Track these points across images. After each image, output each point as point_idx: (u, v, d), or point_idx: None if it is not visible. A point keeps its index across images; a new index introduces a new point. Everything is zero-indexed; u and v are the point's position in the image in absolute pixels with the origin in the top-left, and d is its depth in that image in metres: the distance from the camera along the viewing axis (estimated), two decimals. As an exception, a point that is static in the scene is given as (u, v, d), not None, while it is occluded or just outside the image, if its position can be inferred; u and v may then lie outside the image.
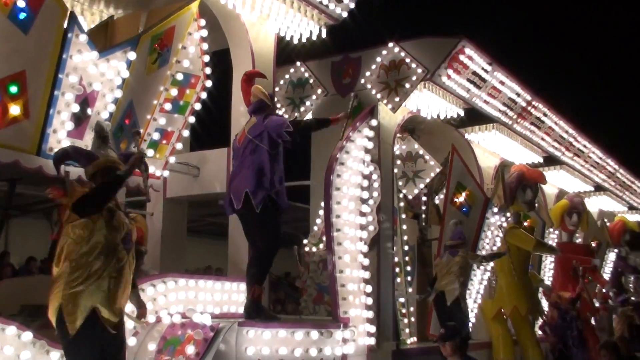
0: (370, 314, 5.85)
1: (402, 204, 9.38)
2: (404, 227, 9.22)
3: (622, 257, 15.00)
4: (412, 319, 9.15)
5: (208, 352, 4.51)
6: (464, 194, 9.61)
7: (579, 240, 13.40)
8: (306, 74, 9.17)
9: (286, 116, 9.26)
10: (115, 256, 3.82)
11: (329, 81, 9.07)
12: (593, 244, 13.68)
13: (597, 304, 12.91)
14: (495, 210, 9.67)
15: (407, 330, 8.97)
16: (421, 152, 9.64)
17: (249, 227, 5.52)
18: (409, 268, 9.18)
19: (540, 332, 11.31)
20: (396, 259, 8.90)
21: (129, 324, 4.31)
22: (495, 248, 9.87)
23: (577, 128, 12.10)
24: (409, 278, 9.17)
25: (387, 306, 8.29)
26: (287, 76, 9.32)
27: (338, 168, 5.78)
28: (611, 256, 14.57)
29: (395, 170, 9.10)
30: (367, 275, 5.86)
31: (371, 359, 7.85)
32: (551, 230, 11.94)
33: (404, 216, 9.31)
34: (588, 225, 12.85)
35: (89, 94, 5.53)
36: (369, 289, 5.87)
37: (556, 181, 13.43)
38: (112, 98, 5.62)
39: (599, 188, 14.65)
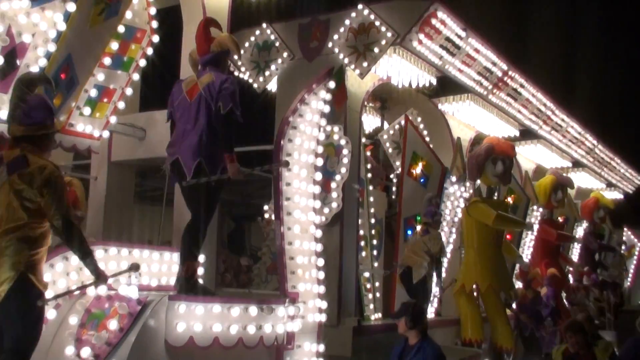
0: (321, 289, 5.47)
1: (369, 175, 8.99)
2: (372, 199, 8.85)
3: (593, 234, 14.72)
4: (378, 295, 8.82)
5: (133, 327, 4.11)
6: (420, 164, 9.25)
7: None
8: (272, 37, 8.71)
9: (251, 80, 8.85)
10: None
11: (295, 44, 8.62)
12: (560, 219, 13.41)
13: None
14: (454, 179, 9.35)
15: (371, 306, 8.65)
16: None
17: (192, 195, 5.09)
18: (375, 242, 8.82)
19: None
20: (362, 232, 8.56)
21: (48, 294, 3.91)
22: (456, 219, 9.55)
23: (555, 101, 11.73)
24: (375, 252, 8.82)
25: (350, 281, 7.96)
26: (252, 38, 8.86)
27: (290, 132, 5.35)
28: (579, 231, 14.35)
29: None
30: (319, 247, 5.46)
31: (329, 335, 7.59)
32: (534, 207, 11.62)
33: (371, 188, 8.94)
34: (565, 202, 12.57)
35: (18, 45, 5.05)
36: (320, 262, 5.48)
37: (533, 156, 13.10)
38: (44, 52, 5.14)
39: (577, 164, 14.34)
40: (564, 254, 12.83)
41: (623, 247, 17.80)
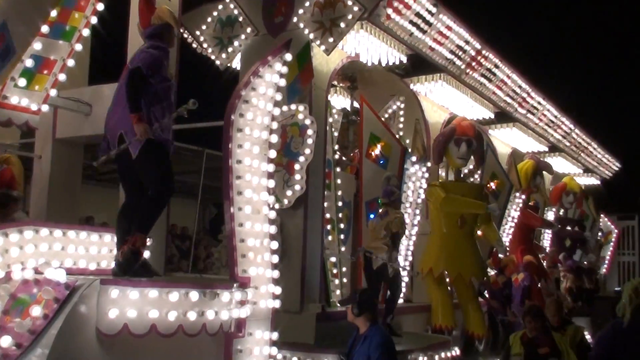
0: (275, 274, 5.14)
1: (337, 156, 8.65)
2: (339, 181, 8.52)
3: (562, 219, 14.51)
4: (345, 280, 8.52)
5: (59, 314, 3.76)
6: (379, 145, 8.93)
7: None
8: (235, 11, 8.31)
9: (213, 57, 8.46)
10: None
11: (259, 20, 8.22)
12: (530, 204, 13.20)
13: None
14: (414, 159, 9.06)
15: (338, 292, 8.34)
16: None
17: (126, 173, 4.78)
18: (342, 226, 8.50)
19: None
20: (328, 216, 8.24)
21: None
22: (420, 200, 9.27)
23: (531, 83, 11.45)
24: (342, 236, 8.50)
25: (314, 266, 7.64)
26: (215, 13, 8.45)
27: (242, 107, 5.00)
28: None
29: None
30: (272, 229, 5.13)
31: (292, 322, 7.30)
32: (517, 194, 11.37)
33: (338, 170, 8.61)
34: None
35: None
36: (274, 245, 5.15)
37: (509, 139, 12.81)
38: (-26, 19, 4.76)
39: (553, 148, 14.09)
40: (535, 242, 12.66)
41: (600, 234, 17.68)
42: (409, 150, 9.07)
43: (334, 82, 10.27)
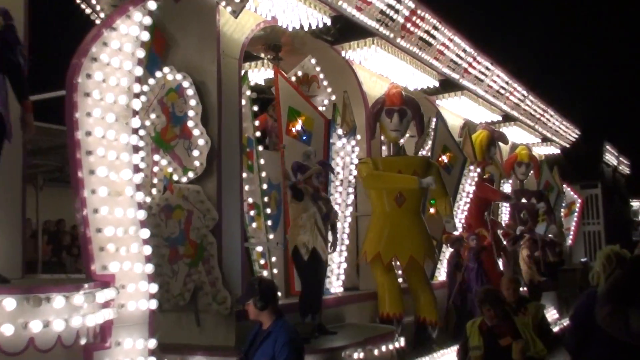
0: (148, 268, 4.17)
1: (258, 133, 7.65)
2: (262, 161, 7.54)
3: (519, 191, 13.69)
4: (276, 271, 7.55)
5: None
6: (299, 120, 7.99)
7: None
8: (133, -24, 7.28)
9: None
10: None
11: (158, -18, 7.21)
12: (484, 176, 12.36)
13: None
14: (340, 132, 8.08)
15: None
16: None
17: None
18: (269, 211, 7.53)
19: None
20: (251, 200, 7.27)
21: None
22: (351, 178, 8.32)
23: (477, 47, 10.56)
24: (269, 222, 7.53)
25: (233, 258, 6.67)
26: (111, -20, 7.46)
27: (91, 66, 4.01)
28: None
29: (249, 93, 7.41)
30: (141, 215, 4.15)
31: (207, 323, 6.35)
32: (472, 167, 10.46)
33: (260, 148, 7.63)
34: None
35: None
36: (145, 233, 4.17)
37: (459, 109, 11.92)
38: None
39: (507, 117, 13.24)
40: (492, 218, 11.83)
41: (563, 205, 16.95)
42: (338, 123, 8.10)
43: (260, 54, 9.33)
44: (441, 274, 10.24)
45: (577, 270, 15.58)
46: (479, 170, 11.08)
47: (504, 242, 11.58)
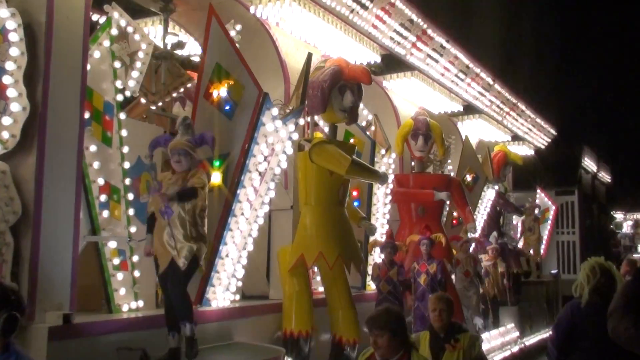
0: None
1: (121, 96, 5.82)
2: (124, 133, 5.74)
3: (501, 194, 12.07)
4: (138, 274, 5.75)
5: None
6: (225, 84, 6.20)
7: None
8: None
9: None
10: None
11: None
12: (469, 178, 10.61)
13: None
14: (276, 111, 6.26)
15: (123, 291, 5.60)
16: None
17: None
18: (132, 196, 5.74)
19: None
20: (102, 181, 5.48)
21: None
22: (277, 170, 6.50)
23: (428, 17, 8.79)
24: (131, 211, 5.74)
25: (58, 259, 4.89)
26: None
27: None
28: (489, 194, 11.40)
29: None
30: None
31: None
32: (383, 152, 8.64)
33: (122, 116, 5.83)
34: (444, 150, 9.69)
35: None
36: None
37: (410, 95, 10.14)
38: None
39: (470, 109, 11.49)
40: (465, 212, 10.00)
41: (536, 211, 15.24)
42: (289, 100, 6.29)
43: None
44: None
45: (546, 283, 13.82)
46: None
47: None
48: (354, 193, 8.58)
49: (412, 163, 9.61)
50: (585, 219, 17.67)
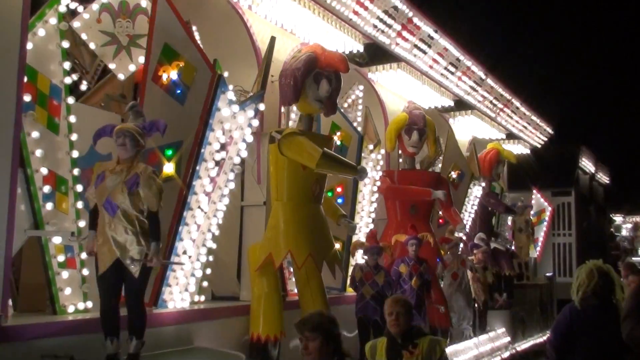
0: None
1: (69, 79, 5.33)
2: (73, 119, 5.25)
3: (494, 193, 11.54)
4: (87, 272, 5.24)
5: None
6: (175, 66, 5.70)
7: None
8: None
9: None
10: None
11: None
12: (454, 175, 10.09)
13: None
14: (232, 94, 5.75)
15: (68, 291, 5.11)
16: None
17: None
18: (80, 188, 5.25)
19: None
20: (45, 172, 4.99)
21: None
22: (237, 159, 5.98)
23: (413, 4, 8.28)
24: (80, 205, 5.24)
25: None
26: None
27: None
28: (476, 191, 10.87)
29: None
30: None
31: None
32: (371, 147, 8.13)
33: (71, 101, 5.32)
34: (436, 147, 9.19)
35: None
36: None
37: (397, 87, 9.62)
38: None
39: (461, 105, 10.98)
40: (450, 211, 9.51)
41: (532, 213, 14.73)
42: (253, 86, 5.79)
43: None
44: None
45: (540, 286, 13.29)
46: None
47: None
48: (338, 189, 8.11)
49: (400, 160, 9.08)
50: (582, 220, 17.16)
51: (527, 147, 14.30)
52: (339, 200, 7.94)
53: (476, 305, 9.30)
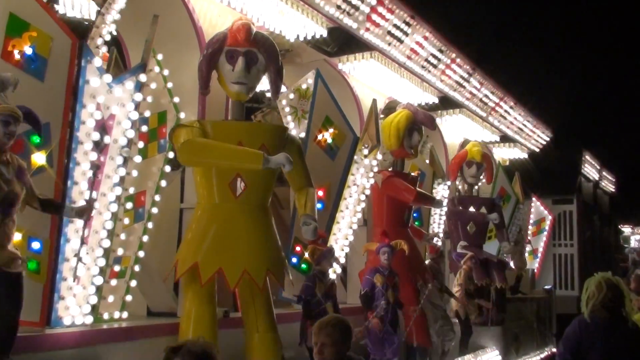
0: None
1: None
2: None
3: (460, 199, 10.27)
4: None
5: None
6: (27, 37, 4.63)
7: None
8: None
9: None
10: None
11: None
12: (414, 174, 9.04)
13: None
14: (99, 61, 4.77)
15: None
16: None
17: None
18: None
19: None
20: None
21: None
22: (130, 135, 4.98)
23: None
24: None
25: None
26: None
27: None
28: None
29: None
30: None
31: None
32: (366, 152, 7.20)
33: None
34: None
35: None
36: None
37: (371, 80, 8.62)
38: None
39: (447, 102, 9.96)
40: (413, 225, 8.58)
41: (531, 221, 13.68)
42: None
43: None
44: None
45: (537, 300, 12.20)
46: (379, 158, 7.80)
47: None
48: (320, 193, 7.08)
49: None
50: (585, 230, 16.10)
51: (525, 151, 13.25)
52: (318, 206, 6.91)
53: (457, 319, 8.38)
